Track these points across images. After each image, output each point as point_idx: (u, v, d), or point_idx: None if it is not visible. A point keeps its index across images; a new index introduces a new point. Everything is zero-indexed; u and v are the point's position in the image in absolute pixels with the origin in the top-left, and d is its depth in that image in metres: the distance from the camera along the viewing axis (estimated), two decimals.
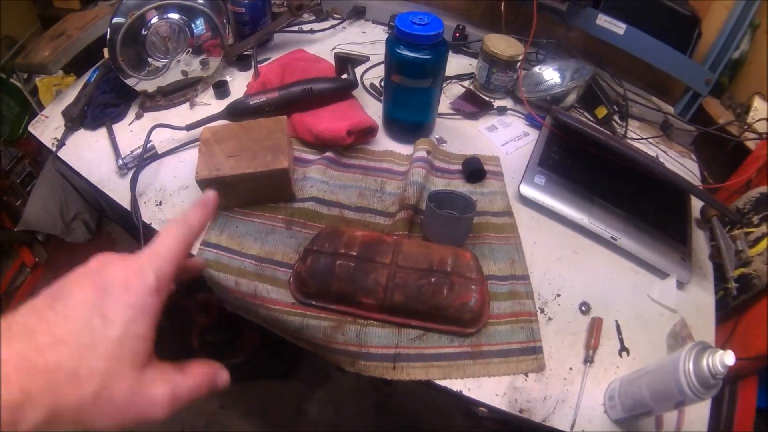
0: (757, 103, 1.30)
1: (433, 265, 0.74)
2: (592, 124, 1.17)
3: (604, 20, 1.20)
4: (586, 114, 1.18)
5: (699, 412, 0.86)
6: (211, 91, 1.07)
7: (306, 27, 1.24)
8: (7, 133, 1.64)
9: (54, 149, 1.00)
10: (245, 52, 1.15)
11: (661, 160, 1.15)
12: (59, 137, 1.03)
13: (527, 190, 0.96)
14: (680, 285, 1.00)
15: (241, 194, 0.85)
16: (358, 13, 1.31)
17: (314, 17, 1.27)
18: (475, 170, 0.97)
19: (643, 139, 1.14)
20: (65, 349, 0.29)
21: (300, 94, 0.99)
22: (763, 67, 1.27)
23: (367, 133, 1.00)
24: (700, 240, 1.12)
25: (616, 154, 0.93)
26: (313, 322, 0.73)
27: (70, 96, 1.07)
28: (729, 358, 0.61)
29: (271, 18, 1.21)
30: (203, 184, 0.81)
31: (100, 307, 0.31)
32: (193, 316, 1.26)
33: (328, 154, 0.96)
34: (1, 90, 1.56)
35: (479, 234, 0.90)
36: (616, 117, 1.15)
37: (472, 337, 0.77)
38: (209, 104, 1.07)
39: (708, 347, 0.64)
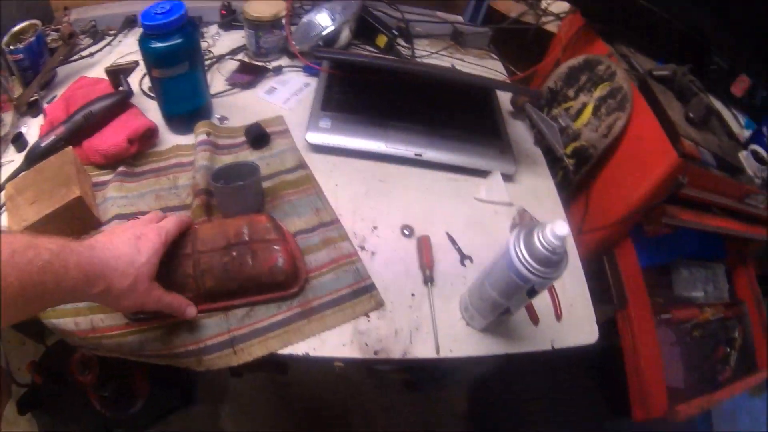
0: None
1: (230, 240, 0.74)
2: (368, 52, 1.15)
3: None
4: (367, 47, 1.17)
5: (576, 290, 0.89)
6: (12, 147, 1.02)
7: (86, 52, 1.20)
8: None
9: None
10: (33, 98, 1.10)
11: (458, 68, 1.14)
12: None
13: (314, 137, 0.97)
14: (508, 178, 1.04)
15: (55, 235, 0.81)
16: (131, 23, 1.28)
17: (92, 40, 1.23)
18: (257, 135, 0.99)
19: (434, 54, 1.13)
20: (120, 260, 0.58)
21: (83, 121, 0.97)
22: None
23: (149, 136, 1.00)
24: (520, 130, 1.14)
25: (399, 73, 0.91)
26: (149, 335, 0.73)
27: None
28: (560, 227, 0.59)
29: (49, 55, 1.16)
30: None
31: (137, 245, 0.61)
32: (78, 380, 1.19)
33: (121, 168, 0.96)
34: None
35: (278, 194, 0.92)
36: (401, 41, 1.13)
37: (299, 296, 0.77)
38: (12, 160, 1.02)
39: (535, 225, 0.63)
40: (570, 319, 0.84)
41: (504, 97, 1.18)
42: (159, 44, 0.88)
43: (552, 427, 1.69)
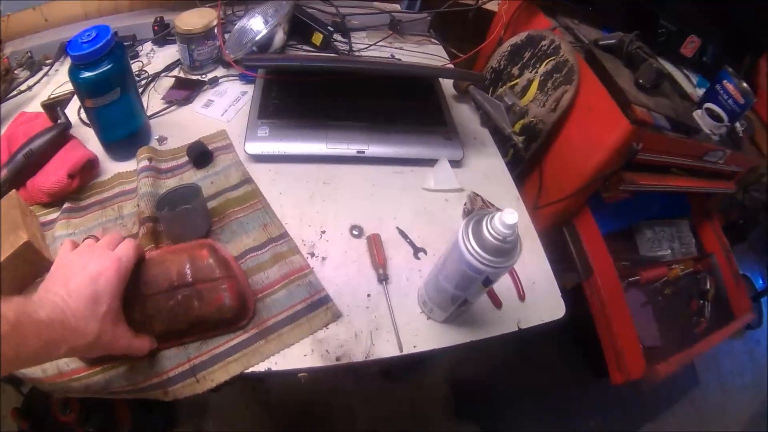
0: None
1: (173, 282, 0.72)
2: (303, 54, 1.14)
3: None
4: (304, 47, 1.16)
5: (537, 267, 0.89)
6: None
7: (24, 86, 1.17)
8: None
9: None
10: None
11: (398, 57, 1.12)
12: None
13: (252, 147, 0.96)
14: (456, 164, 1.02)
15: (9, 284, 0.80)
16: (65, 50, 1.24)
17: (30, 72, 1.20)
18: (199, 154, 0.97)
19: (372, 46, 1.11)
20: (79, 317, 0.56)
21: (24, 160, 0.95)
22: None
23: (90, 168, 0.97)
24: (465, 113, 1.13)
25: (336, 72, 0.89)
26: (113, 373, 0.72)
27: None
28: (509, 216, 0.57)
29: None
30: None
31: (95, 290, 0.59)
32: (61, 420, 1.19)
33: (66, 205, 0.94)
34: None
35: (224, 213, 0.90)
36: (338, 36, 1.11)
37: (254, 319, 0.77)
38: None
39: (484, 214, 0.62)
40: (534, 297, 0.85)
41: (447, 82, 1.16)
42: (88, 73, 0.85)
43: (535, 398, 1.71)
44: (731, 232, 1.74)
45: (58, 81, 1.18)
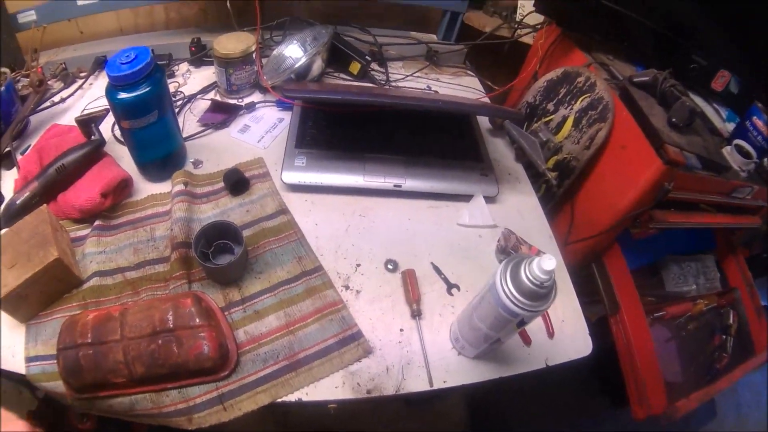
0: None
1: (156, 327, 0.72)
2: (343, 82, 1.14)
3: None
4: (341, 75, 1.14)
5: (566, 305, 0.88)
6: None
7: (57, 98, 1.16)
8: None
9: None
10: (6, 149, 1.06)
11: (434, 88, 1.10)
12: None
13: (289, 176, 0.95)
14: (490, 199, 1.01)
15: (36, 298, 0.81)
16: (100, 64, 1.24)
17: (63, 84, 1.20)
18: (236, 182, 0.96)
19: (409, 76, 1.10)
20: None
21: (56, 174, 0.94)
22: None
23: (123, 187, 0.97)
24: (500, 147, 1.11)
25: (375, 106, 0.88)
26: (139, 395, 0.72)
27: None
28: (547, 262, 0.57)
29: (21, 104, 1.12)
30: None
31: None
32: (78, 428, 1.18)
33: (97, 222, 0.94)
34: None
35: (259, 243, 0.89)
36: (375, 65, 1.10)
37: (284, 348, 0.76)
38: None
39: (523, 258, 0.61)
40: (562, 334, 0.84)
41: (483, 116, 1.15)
42: (126, 95, 0.84)
43: (552, 425, 1.69)
44: (754, 265, 1.71)
45: (92, 95, 1.17)
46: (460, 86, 1.19)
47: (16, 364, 0.75)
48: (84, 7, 1.23)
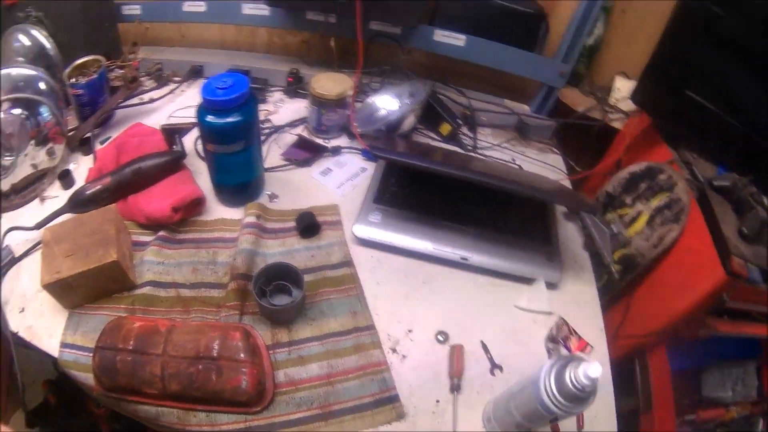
0: (619, 83, 1.31)
1: (200, 352, 0.75)
2: (431, 142, 1.14)
3: (442, 35, 1.23)
4: (431, 134, 1.16)
5: (601, 402, 0.84)
6: (58, 183, 1.04)
7: (146, 97, 1.20)
8: None
9: None
10: (87, 135, 1.10)
11: (519, 163, 1.11)
12: None
13: (361, 230, 0.97)
14: (551, 285, 1.00)
15: (85, 291, 0.85)
16: (195, 73, 1.28)
17: (156, 84, 1.24)
18: (308, 225, 0.98)
19: (496, 146, 1.11)
20: None
21: (131, 176, 0.97)
22: (622, 48, 1.29)
23: (195, 205, 0.99)
24: (570, 231, 1.12)
25: (461, 180, 0.90)
26: (166, 409, 0.75)
27: None
28: (594, 369, 0.58)
29: (110, 94, 1.17)
30: (48, 289, 0.82)
31: None
32: (93, 410, 1.21)
33: (162, 233, 0.96)
34: None
35: (316, 291, 0.90)
36: (464, 129, 1.11)
37: (320, 397, 0.78)
38: (57, 196, 1.03)
39: (571, 360, 0.62)
40: (592, 428, 0.82)
41: None
42: (216, 120, 0.86)
43: None
44: None
45: (181, 102, 1.19)
46: (543, 163, 1.19)
47: (51, 346, 0.79)
48: (188, 14, 1.27)
